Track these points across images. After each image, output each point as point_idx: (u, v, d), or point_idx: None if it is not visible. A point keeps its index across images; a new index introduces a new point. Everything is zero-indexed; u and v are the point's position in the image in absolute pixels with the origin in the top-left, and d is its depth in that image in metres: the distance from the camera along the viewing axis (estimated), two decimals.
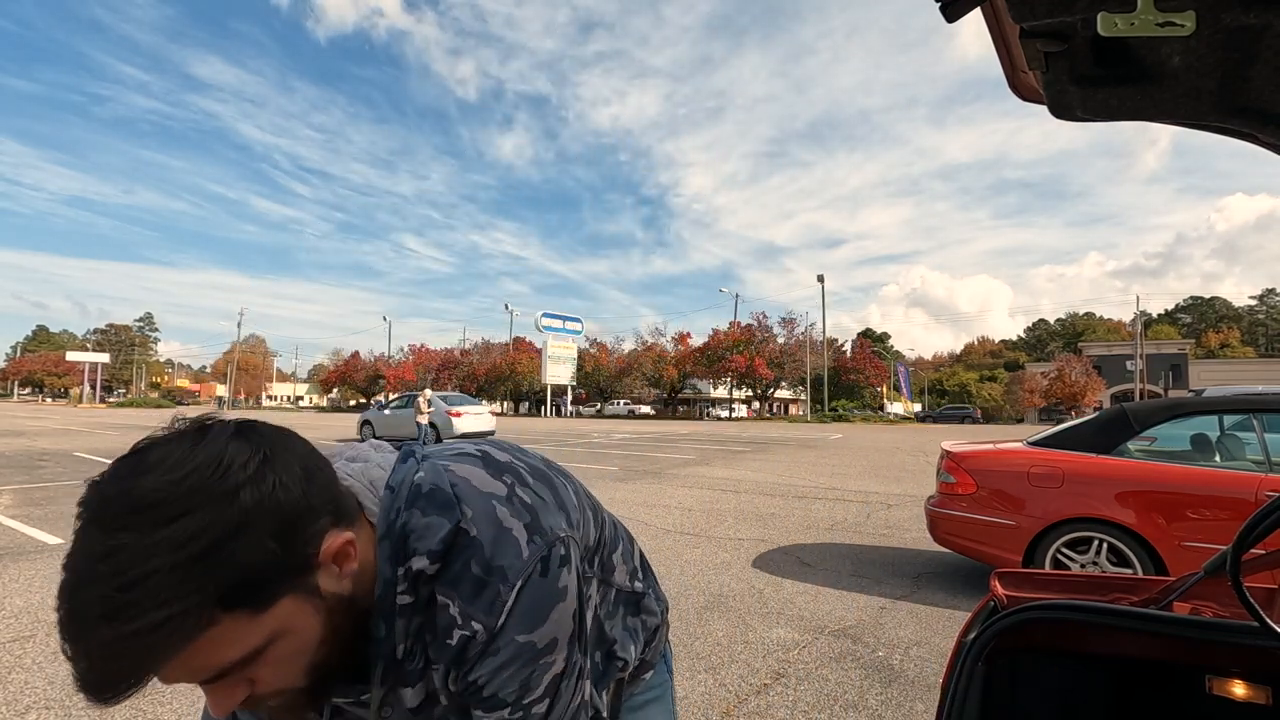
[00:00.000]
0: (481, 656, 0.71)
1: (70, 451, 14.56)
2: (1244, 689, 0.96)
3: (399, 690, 0.75)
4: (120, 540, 0.52)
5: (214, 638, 0.55)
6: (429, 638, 0.72)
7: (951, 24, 0.65)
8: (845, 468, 13.82)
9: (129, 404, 73.10)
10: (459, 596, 0.70)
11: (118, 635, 0.51)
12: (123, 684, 0.53)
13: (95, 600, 0.51)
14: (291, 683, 0.64)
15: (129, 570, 0.51)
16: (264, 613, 0.58)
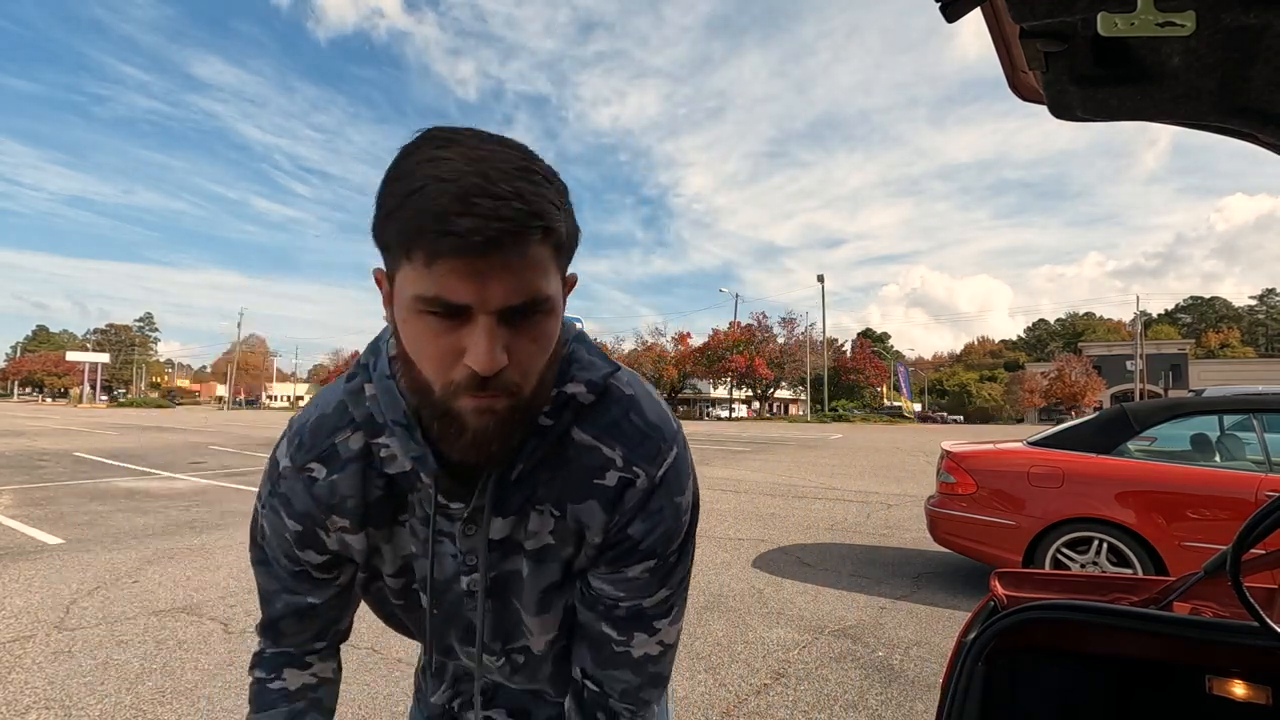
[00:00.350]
0: (641, 507, 0.72)
1: (70, 451, 14.56)
2: (1244, 689, 0.96)
3: (492, 518, 0.72)
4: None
5: (544, 260, 0.58)
6: (557, 473, 0.71)
7: (951, 24, 0.65)
8: (845, 468, 13.82)
9: (129, 404, 73.11)
10: (620, 442, 0.71)
11: (524, 189, 0.55)
12: (522, 230, 0.55)
13: (514, 162, 0.56)
14: (526, 378, 0.61)
15: (534, 162, 0.58)
16: (559, 277, 0.61)
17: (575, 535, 0.74)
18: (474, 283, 0.55)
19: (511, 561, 0.75)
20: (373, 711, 2.87)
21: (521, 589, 0.77)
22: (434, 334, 0.57)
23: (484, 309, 0.56)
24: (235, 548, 5.76)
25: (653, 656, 0.78)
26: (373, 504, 0.73)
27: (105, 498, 8.29)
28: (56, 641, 3.57)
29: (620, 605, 0.75)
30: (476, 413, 0.60)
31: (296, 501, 0.73)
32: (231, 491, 9.09)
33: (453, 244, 0.53)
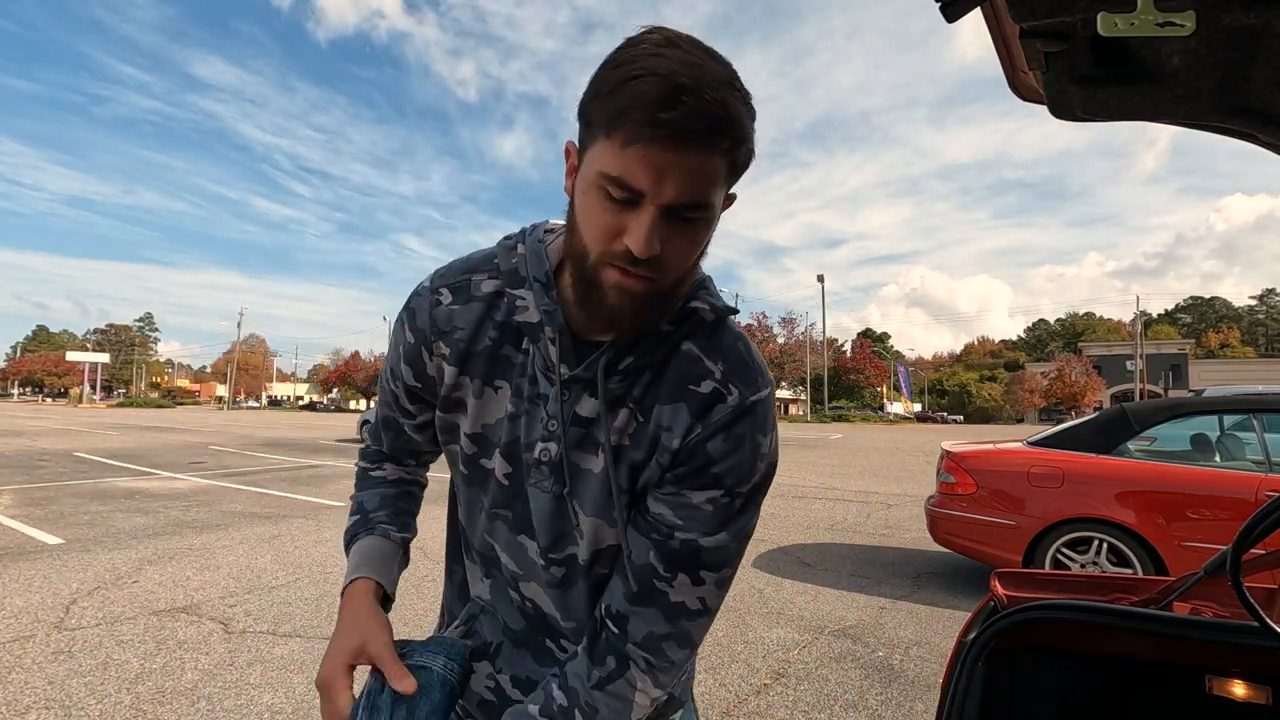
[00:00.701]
0: (725, 426, 0.73)
1: (70, 451, 14.56)
2: (1244, 689, 0.96)
3: (584, 395, 0.75)
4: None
5: (718, 170, 0.63)
6: (656, 378, 0.75)
7: (951, 24, 0.65)
8: (845, 468, 13.82)
9: (129, 404, 73.10)
10: (724, 360, 0.75)
11: (728, 100, 0.60)
12: (725, 127, 0.61)
13: (722, 74, 0.62)
14: (669, 272, 0.67)
15: (738, 80, 0.64)
16: (724, 191, 0.67)
17: (651, 441, 0.74)
18: (654, 173, 0.61)
19: (585, 450, 0.75)
20: None
21: (584, 486, 0.76)
22: (604, 209, 0.64)
23: (655, 200, 0.62)
24: (235, 547, 5.76)
25: (689, 610, 0.74)
26: (478, 351, 0.78)
27: (105, 498, 8.29)
28: (56, 641, 3.57)
29: (676, 537, 0.73)
30: (618, 289, 0.66)
31: (418, 318, 0.80)
32: (231, 491, 9.09)
33: (651, 133, 0.59)
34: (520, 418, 0.76)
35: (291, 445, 17.65)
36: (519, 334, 0.76)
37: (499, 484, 0.79)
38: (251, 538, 6.16)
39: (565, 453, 0.75)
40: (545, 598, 0.81)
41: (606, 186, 0.62)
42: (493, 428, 0.78)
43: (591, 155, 0.64)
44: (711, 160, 0.62)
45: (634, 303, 0.67)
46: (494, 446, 0.78)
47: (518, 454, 0.77)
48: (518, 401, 0.76)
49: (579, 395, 0.74)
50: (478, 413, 0.79)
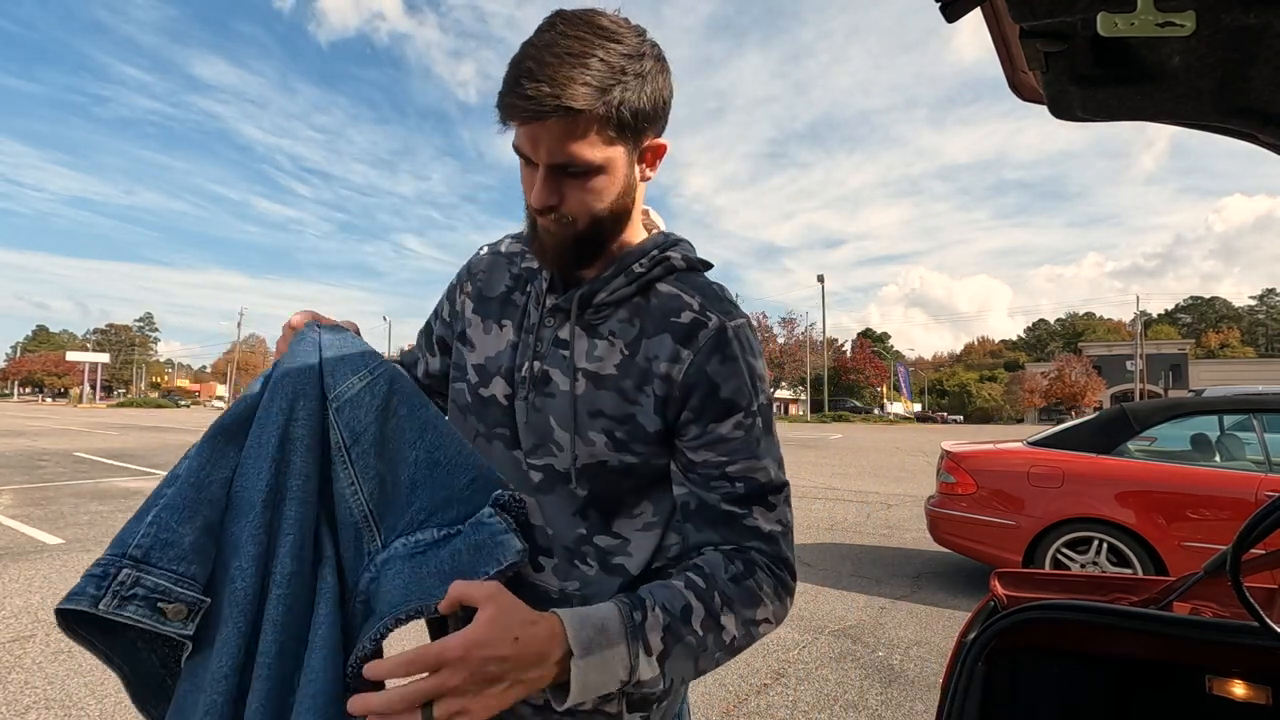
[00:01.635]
0: (715, 349, 0.80)
1: (70, 451, 14.56)
2: (1244, 689, 0.96)
3: (563, 321, 0.85)
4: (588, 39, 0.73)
5: (584, 132, 0.74)
6: (637, 316, 0.84)
7: (951, 24, 0.65)
8: (845, 468, 13.83)
9: (129, 404, 73.14)
10: (699, 293, 0.85)
11: (563, 75, 0.70)
12: (570, 91, 0.70)
13: (573, 49, 0.72)
14: (578, 218, 0.79)
15: (601, 49, 0.73)
16: (613, 144, 0.76)
17: (640, 372, 0.81)
18: (530, 141, 0.75)
19: (558, 368, 0.84)
20: None
21: (556, 401, 0.83)
22: (525, 176, 0.80)
23: (541, 161, 0.76)
24: None
25: (778, 534, 0.80)
26: (492, 295, 0.92)
27: (105, 498, 8.29)
28: (56, 641, 3.57)
29: (730, 476, 0.79)
30: (544, 231, 0.81)
31: (467, 264, 0.99)
32: None
33: (510, 113, 0.73)
34: (518, 345, 0.88)
35: None
36: (524, 280, 0.91)
37: (499, 405, 0.87)
38: None
39: (544, 369, 0.84)
40: (532, 505, 0.85)
41: (520, 156, 0.79)
42: (494, 358, 0.89)
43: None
44: (565, 126, 0.72)
45: (554, 242, 0.81)
46: (494, 374, 0.88)
47: (514, 376, 0.87)
48: (518, 333, 0.88)
49: (560, 323, 0.86)
50: (483, 346, 0.90)
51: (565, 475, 0.83)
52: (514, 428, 0.86)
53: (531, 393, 0.84)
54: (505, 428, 0.86)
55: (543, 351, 0.85)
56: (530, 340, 0.86)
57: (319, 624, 0.69)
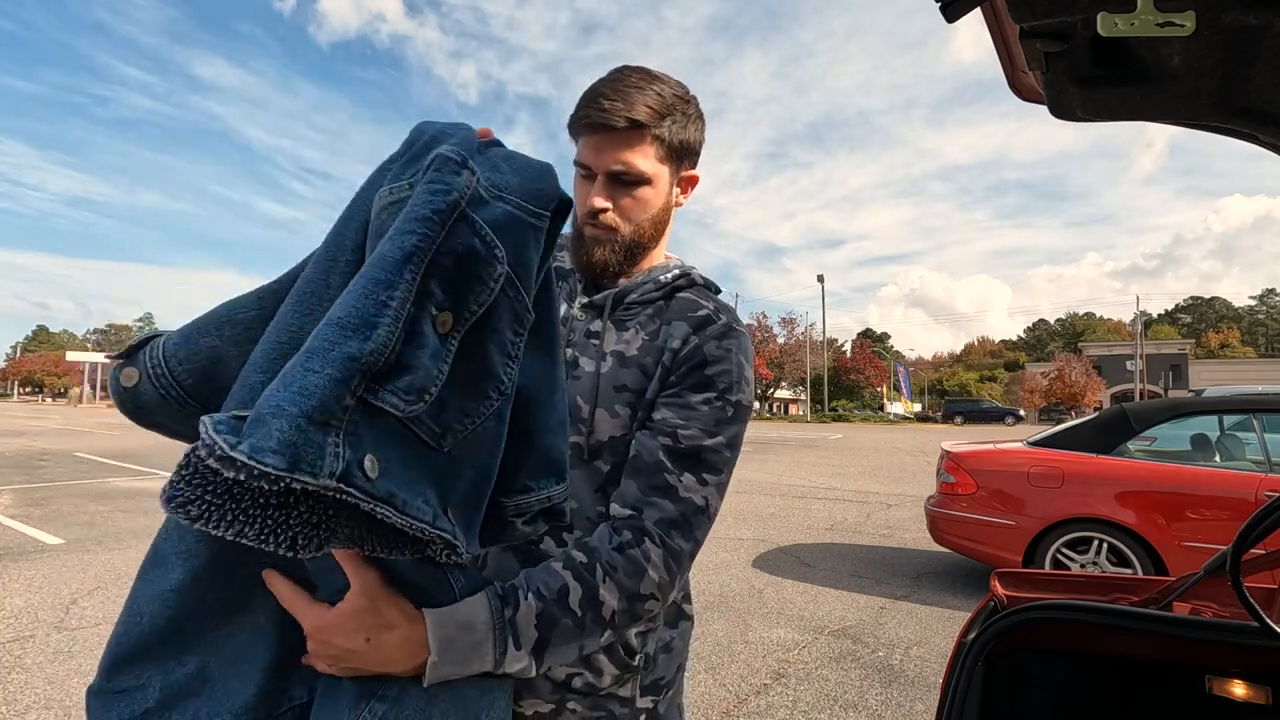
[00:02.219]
0: (717, 336, 0.91)
1: (70, 451, 14.56)
2: (1244, 689, 0.96)
3: (595, 318, 0.95)
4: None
5: (642, 147, 0.90)
6: (660, 314, 0.94)
7: (951, 25, 0.65)
8: (845, 468, 13.82)
9: None
10: (714, 302, 0.97)
11: (633, 98, 0.88)
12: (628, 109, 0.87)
13: (639, 83, 0.90)
14: (624, 224, 0.93)
15: (660, 85, 0.91)
16: (661, 163, 0.92)
17: (657, 350, 0.91)
18: (594, 152, 0.90)
19: (588, 355, 0.93)
20: None
21: (581, 382, 0.91)
22: (579, 187, 0.94)
23: (601, 169, 0.91)
24: None
25: (695, 506, 0.83)
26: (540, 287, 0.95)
27: (105, 498, 8.29)
28: (56, 641, 3.57)
29: (680, 437, 0.84)
30: (591, 237, 0.94)
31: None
32: None
33: (584, 126, 0.89)
34: (565, 332, 0.95)
35: None
36: (561, 277, 0.98)
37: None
38: None
39: (574, 355, 0.93)
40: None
41: (577, 168, 0.93)
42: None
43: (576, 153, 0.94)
44: (629, 140, 0.88)
45: (599, 247, 0.94)
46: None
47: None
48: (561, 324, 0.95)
49: (592, 318, 0.96)
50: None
51: (589, 450, 0.89)
52: None
53: (568, 375, 0.91)
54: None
55: (574, 340, 0.95)
56: (563, 331, 0.91)
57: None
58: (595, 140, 0.89)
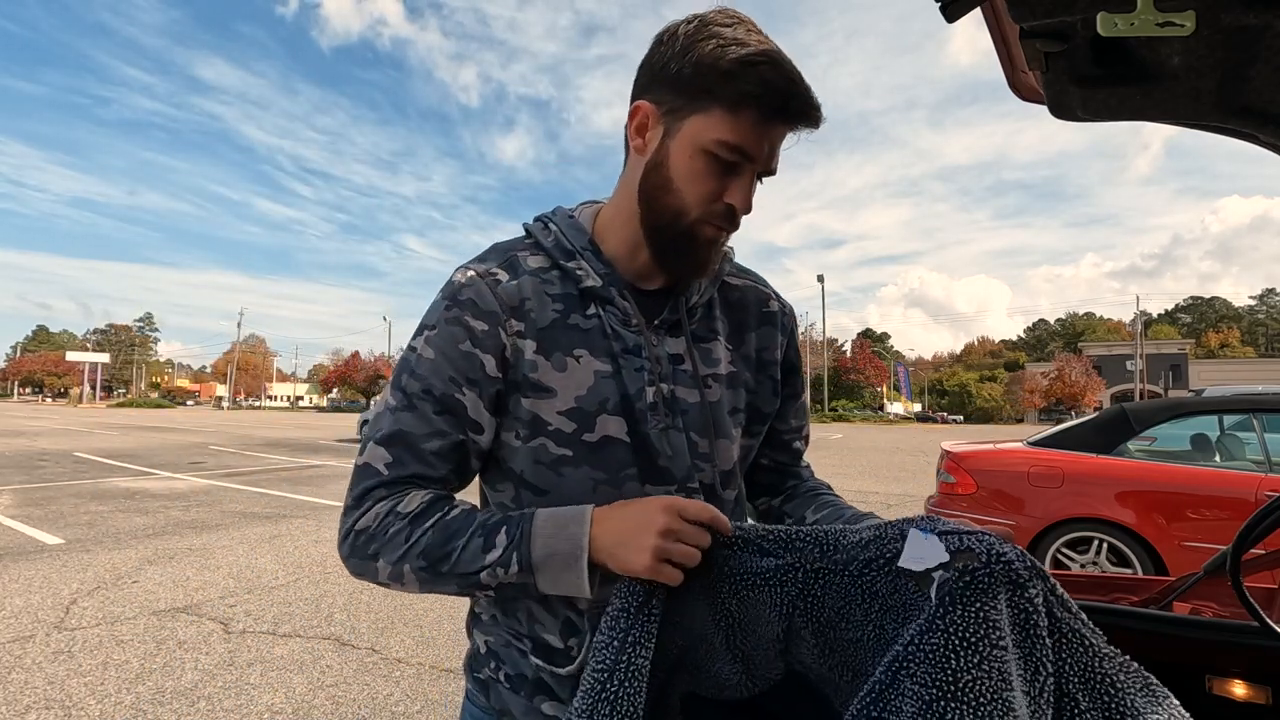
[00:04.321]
0: (794, 331, 0.95)
1: (70, 451, 14.56)
2: (1244, 689, 0.96)
3: (666, 337, 0.82)
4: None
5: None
6: (731, 310, 0.89)
7: (951, 25, 0.65)
8: (845, 468, 13.82)
9: (128, 404, 73.06)
10: (760, 281, 0.95)
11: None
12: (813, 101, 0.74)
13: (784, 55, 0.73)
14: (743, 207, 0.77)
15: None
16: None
17: (757, 364, 0.88)
18: (767, 144, 0.73)
19: (684, 384, 0.81)
20: (373, 711, 2.87)
21: (691, 416, 0.81)
22: (710, 173, 0.73)
23: (759, 165, 0.74)
24: (235, 547, 5.76)
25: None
26: (547, 324, 0.78)
27: (105, 498, 8.29)
28: (56, 641, 3.57)
29: (805, 438, 0.99)
30: (709, 241, 0.77)
31: (483, 301, 0.77)
32: (232, 491, 9.09)
33: (776, 114, 0.72)
34: (620, 373, 0.78)
35: (291, 445, 17.65)
36: (583, 300, 0.79)
37: (621, 443, 0.77)
38: (251, 538, 6.16)
39: (670, 389, 0.80)
40: None
41: (719, 153, 0.72)
42: (588, 395, 0.77)
43: (700, 122, 0.72)
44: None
45: (718, 253, 0.80)
46: (599, 411, 0.76)
47: (631, 407, 0.77)
48: (609, 360, 0.78)
49: (663, 338, 0.81)
50: (567, 387, 0.76)
51: (721, 481, 0.83)
52: (648, 462, 0.78)
53: (666, 418, 0.78)
54: (634, 466, 0.77)
55: (662, 373, 0.79)
56: (639, 365, 0.78)
57: None
58: (777, 130, 0.73)
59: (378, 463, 0.75)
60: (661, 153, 0.75)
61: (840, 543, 0.66)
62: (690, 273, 0.80)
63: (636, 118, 0.76)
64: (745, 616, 0.69)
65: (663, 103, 0.75)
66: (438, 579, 0.72)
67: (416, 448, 0.75)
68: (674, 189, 0.74)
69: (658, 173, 0.75)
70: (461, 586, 0.72)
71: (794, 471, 0.98)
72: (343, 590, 4.57)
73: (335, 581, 4.77)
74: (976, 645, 0.54)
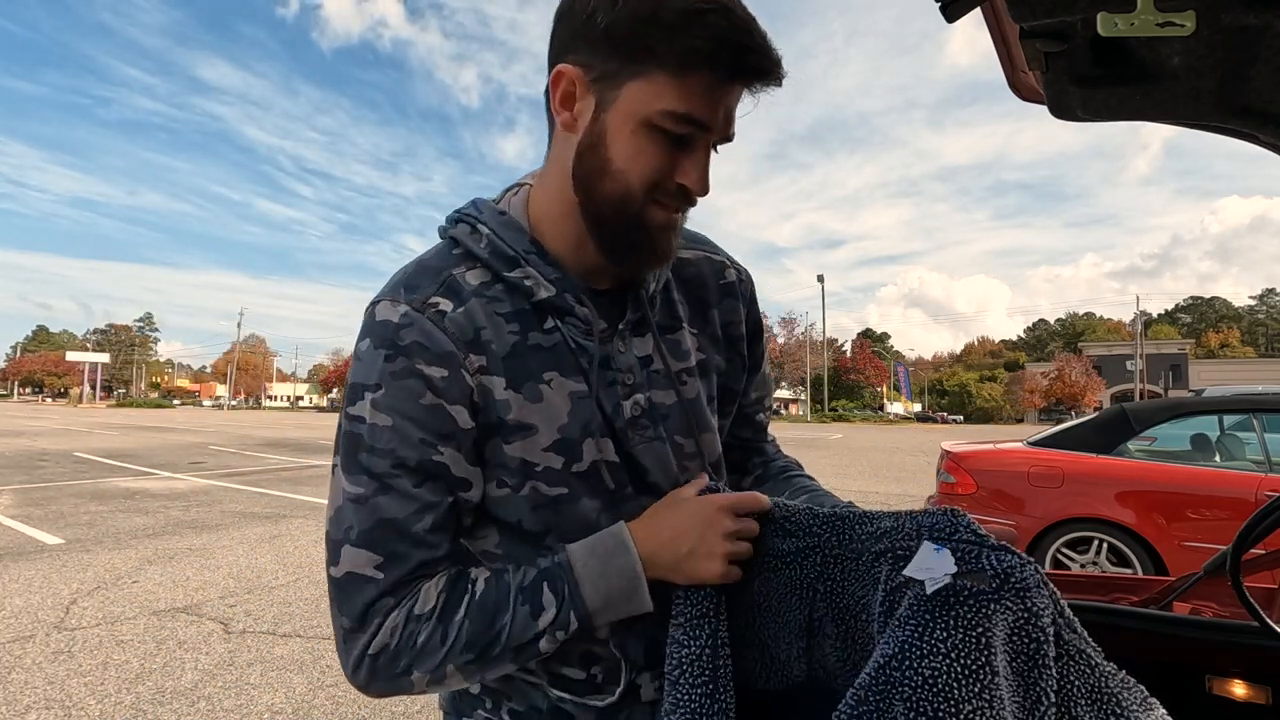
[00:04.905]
0: (754, 299, 0.86)
1: (70, 451, 14.56)
2: (1244, 689, 0.96)
3: (632, 337, 0.73)
4: None
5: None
6: (690, 290, 0.80)
7: (951, 25, 0.65)
8: (845, 468, 13.82)
9: (128, 404, 73.08)
10: (711, 247, 0.84)
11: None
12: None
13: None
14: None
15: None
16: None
17: (725, 340, 0.82)
18: (722, 109, 0.61)
19: (659, 386, 0.73)
20: (373, 711, 2.87)
21: (673, 419, 0.73)
22: (657, 150, 0.61)
23: (715, 134, 0.62)
24: (235, 547, 5.76)
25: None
26: (508, 352, 0.66)
27: (105, 498, 8.29)
28: (56, 641, 3.57)
29: (766, 409, 0.93)
30: (662, 227, 0.66)
31: (433, 343, 0.63)
32: (232, 491, 9.09)
33: (737, 73, 0.59)
34: (594, 392, 0.68)
35: (291, 445, 17.65)
36: (538, 314, 0.68)
37: (610, 464, 0.69)
38: (251, 538, 6.16)
39: (647, 397, 0.71)
40: None
41: (666, 126, 0.60)
42: (571, 421, 0.67)
43: (639, 90, 0.60)
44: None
45: (675, 237, 0.68)
46: (583, 437, 0.68)
47: (612, 426, 0.69)
48: (581, 378, 0.68)
49: (629, 340, 0.72)
50: (547, 418, 0.67)
51: (709, 474, 0.79)
52: (638, 479, 0.71)
53: (653, 428, 0.71)
54: (629, 485, 0.71)
55: (637, 382, 0.71)
56: (614, 376, 0.70)
57: None
58: (733, 92, 0.61)
59: (365, 569, 0.62)
60: (596, 130, 0.62)
61: (855, 531, 0.65)
62: (646, 265, 0.69)
63: (560, 86, 0.63)
64: (768, 601, 0.68)
65: (591, 66, 0.61)
66: (489, 664, 0.63)
67: (408, 533, 0.63)
68: (614, 172, 0.62)
69: (594, 154, 0.63)
70: (517, 660, 0.65)
71: (759, 447, 0.93)
72: None
73: None
74: (965, 672, 0.53)
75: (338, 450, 0.65)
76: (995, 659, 0.53)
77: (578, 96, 0.63)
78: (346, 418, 0.65)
